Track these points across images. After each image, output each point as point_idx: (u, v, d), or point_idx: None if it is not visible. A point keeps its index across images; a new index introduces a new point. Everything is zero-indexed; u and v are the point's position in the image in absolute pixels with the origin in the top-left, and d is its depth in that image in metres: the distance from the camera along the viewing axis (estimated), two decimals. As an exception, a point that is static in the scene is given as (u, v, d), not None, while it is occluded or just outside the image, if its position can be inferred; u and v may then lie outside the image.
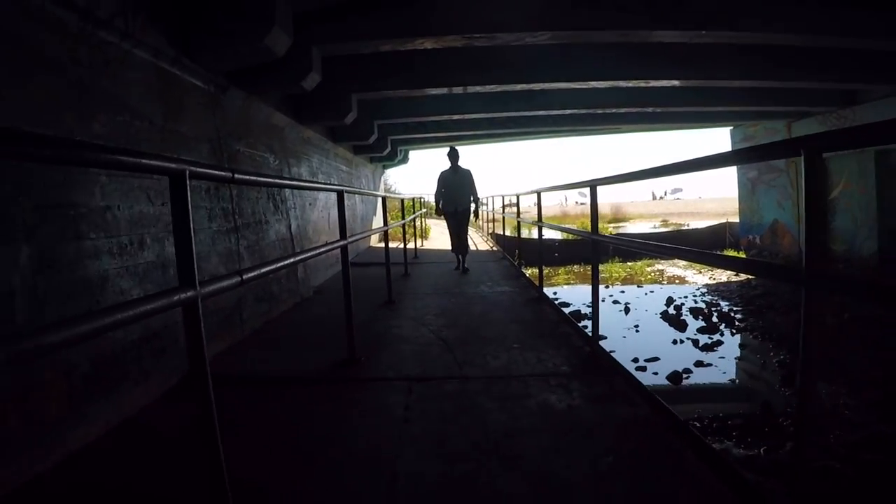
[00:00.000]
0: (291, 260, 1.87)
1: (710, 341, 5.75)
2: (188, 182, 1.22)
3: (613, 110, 7.95)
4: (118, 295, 2.46)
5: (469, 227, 7.28)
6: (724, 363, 5.10)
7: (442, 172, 6.67)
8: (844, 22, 4.78)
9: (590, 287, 3.09)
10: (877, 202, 9.48)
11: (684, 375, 4.70)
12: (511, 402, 2.36)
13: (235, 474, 1.38)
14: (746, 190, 13.43)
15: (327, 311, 4.47)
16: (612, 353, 2.80)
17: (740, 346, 5.70)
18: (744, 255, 12.71)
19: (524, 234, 11.69)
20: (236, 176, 1.48)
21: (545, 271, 12.36)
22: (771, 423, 3.58)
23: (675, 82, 6.37)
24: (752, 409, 3.83)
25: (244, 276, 1.46)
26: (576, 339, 3.40)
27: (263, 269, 1.58)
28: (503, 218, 10.12)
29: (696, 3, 4.24)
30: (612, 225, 35.68)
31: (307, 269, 5.34)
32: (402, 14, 3.90)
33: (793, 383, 4.32)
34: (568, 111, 7.72)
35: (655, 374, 4.75)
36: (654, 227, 29.26)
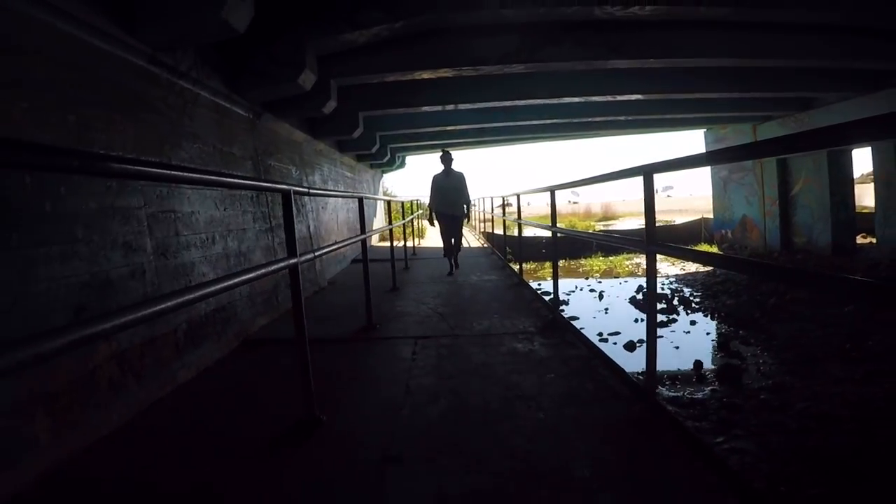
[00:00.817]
0: (344, 243, 2.75)
1: (666, 319, 6.67)
2: (292, 197, 2.09)
3: (588, 119, 8.86)
4: (202, 276, 3.33)
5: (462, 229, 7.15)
6: (674, 335, 6.00)
7: (435, 176, 6.59)
8: (772, 47, 5.67)
9: (571, 279, 3.96)
10: (829, 197, 10.42)
11: (638, 344, 5.61)
12: (489, 348, 3.25)
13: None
14: (719, 188, 14.36)
15: (342, 297, 5.35)
16: (582, 330, 3.66)
17: (691, 322, 6.61)
18: (716, 249, 13.65)
19: (512, 231, 12.59)
20: (311, 190, 2.36)
21: (533, 266, 13.29)
22: (697, 375, 4.48)
23: (639, 96, 7.28)
24: (686, 366, 4.72)
25: (315, 253, 2.34)
26: (543, 311, 4.28)
27: (327, 249, 2.45)
28: (493, 218, 11.01)
29: (641, 37, 5.12)
30: (601, 223, 36.70)
31: (322, 263, 6.21)
32: (404, 52, 4.77)
33: (725, 348, 5.22)
34: (548, 121, 8.63)
35: (615, 343, 5.65)
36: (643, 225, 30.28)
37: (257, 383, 2.90)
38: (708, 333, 5.90)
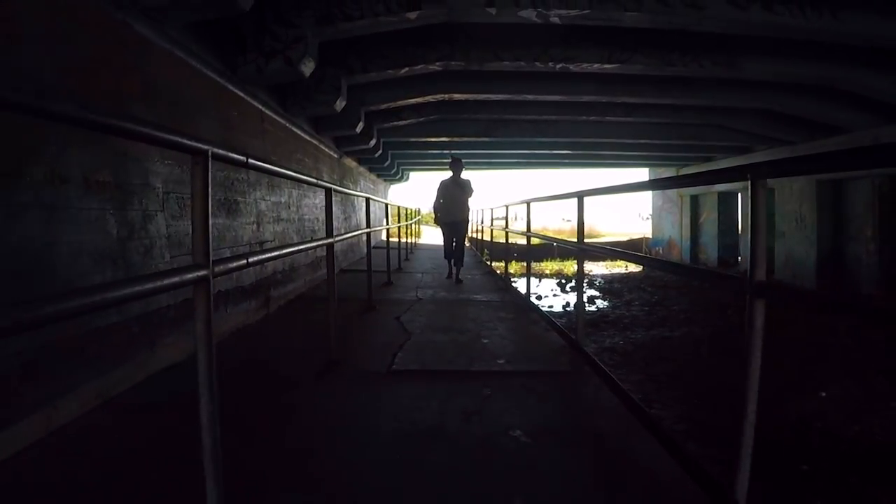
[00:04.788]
0: (382, 227, 7.19)
1: (569, 290, 11.16)
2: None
3: (536, 161, 13.44)
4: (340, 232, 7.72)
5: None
6: (569, 297, 10.42)
7: (442, 181, 7.19)
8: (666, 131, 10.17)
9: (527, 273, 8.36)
10: (718, 225, 15.03)
11: (544, 297, 10.06)
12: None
13: (369, 295, 6.63)
14: (657, 215, 19.00)
15: (380, 259, 9.77)
16: (515, 285, 8.06)
17: (584, 291, 11.09)
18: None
19: (497, 237, 17.12)
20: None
21: (506, 266, 17.72)
22: (564, 307, 8.89)
23: (568, 151, 11.83)
24: (566, 313, 9.12)
25: (389, 227, 6.75)
26: (487, 269, 8.72)
27: (390, 227, 6.87)
28: (488, 229, 15.49)
29: (557, 125, 9.62)
30: (590, 240, 41.60)
31: (361, 242, 10.60)
32: (423, 127, 9.22)
33: (591, 302, 9.63)
34: (508, 160, 13.21)
35: (534, 296, 10.05)
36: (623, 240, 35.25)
37: (357, 282, 7.28)
38: (590, 296, 10.33)
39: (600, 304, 9.44)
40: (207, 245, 1.38)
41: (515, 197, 7.32)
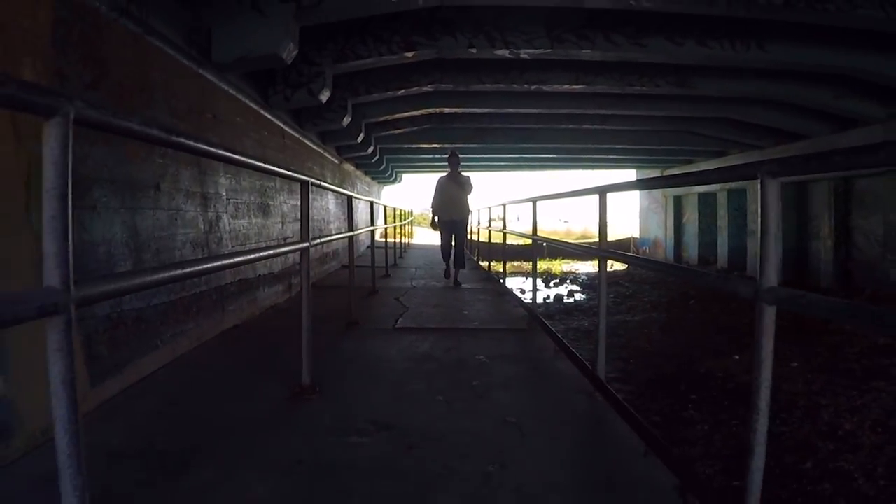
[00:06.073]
0: (396, 224, 8.50)
1: (553, 285, 12.48)
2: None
3: (522, 163, 14.79)
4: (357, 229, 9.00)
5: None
6: (553, 290, 11.74)
7: (440, 179, 7.21)
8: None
9: (514, 273, 9.69)
10: (698, 225, 16.43)
11: (528, 291, 11.36)
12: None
13: (373, 283, 7.93)
14: (644, 216, 20.40)
15: (380, 255, 11.06)
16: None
17: (564, 285, 12.41)
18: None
19: (484, 237, 18.47)
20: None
21: (493, 264, 19.09)
22: (555, 302, 10.19)
23: (553, 155, 13.17)
24: (544, 303, 10.41)
25: (387, 227, 8.05)
26: (474, 265, 10.04)
27: (390, 226, 8.17)
28: (477, 230, 16.81)
29: (537, 132, 10.96)
30: (578, 240, 43.41)
31: (356, 242, 11.89)
32: (418, 134, 10.53)
33: (570, 295, 10.93)
34: (496, 163, 14.56)
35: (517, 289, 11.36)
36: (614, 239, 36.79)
37: (359, 275, 8.56)
38: (567, 290, 11.67)
39: (578, 296, 10.80)
40: (308, 230, 2.73)
41: (506, 198, 8.59)
